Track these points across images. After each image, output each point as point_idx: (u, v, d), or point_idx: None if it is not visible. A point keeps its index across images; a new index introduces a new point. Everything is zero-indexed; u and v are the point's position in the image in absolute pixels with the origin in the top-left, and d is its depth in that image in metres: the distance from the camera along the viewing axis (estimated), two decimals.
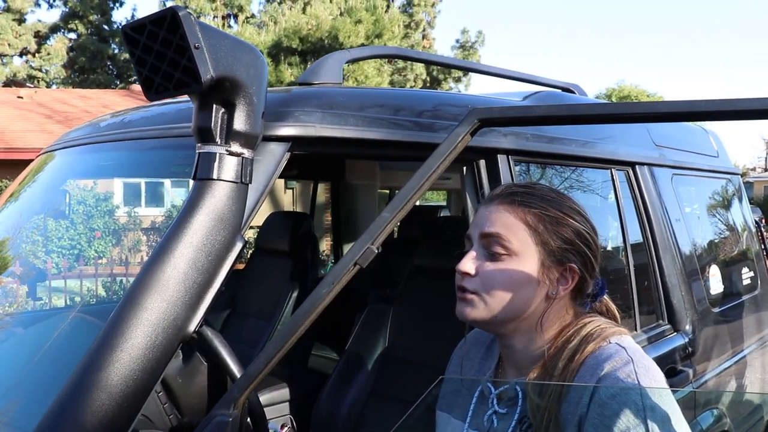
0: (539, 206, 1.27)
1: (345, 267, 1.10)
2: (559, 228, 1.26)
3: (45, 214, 2.34)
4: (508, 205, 1.27)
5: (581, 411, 1.13)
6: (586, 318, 1.29)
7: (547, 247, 1.25)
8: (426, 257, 2.70)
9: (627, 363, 1.16)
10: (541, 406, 1.18)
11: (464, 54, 30.80)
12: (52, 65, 30.53)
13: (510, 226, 1.25)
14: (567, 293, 1.29)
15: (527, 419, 1.22)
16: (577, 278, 1.28)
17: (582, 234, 1.29)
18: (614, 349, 1.20)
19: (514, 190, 1.30)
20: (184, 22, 1.18)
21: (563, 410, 1.16)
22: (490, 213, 1.28)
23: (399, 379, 2.54)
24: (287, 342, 1.11)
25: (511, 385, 1.29)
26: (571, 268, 1.27)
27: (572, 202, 1.33)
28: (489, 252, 1.26)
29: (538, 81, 2.85)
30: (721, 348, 2.89)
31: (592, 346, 1.21)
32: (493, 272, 1.24)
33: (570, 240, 1.27)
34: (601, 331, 1.24)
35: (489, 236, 1.26)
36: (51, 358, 1.72)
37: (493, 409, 1.29)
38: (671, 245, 2.69)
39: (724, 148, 3.61)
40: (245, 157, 1.35)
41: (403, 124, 1.78)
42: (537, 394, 1.19)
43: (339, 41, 16.80)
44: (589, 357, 1.20)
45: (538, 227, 1.25)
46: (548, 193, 1.31)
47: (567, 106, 1.16)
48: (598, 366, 1.17)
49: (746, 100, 0.89)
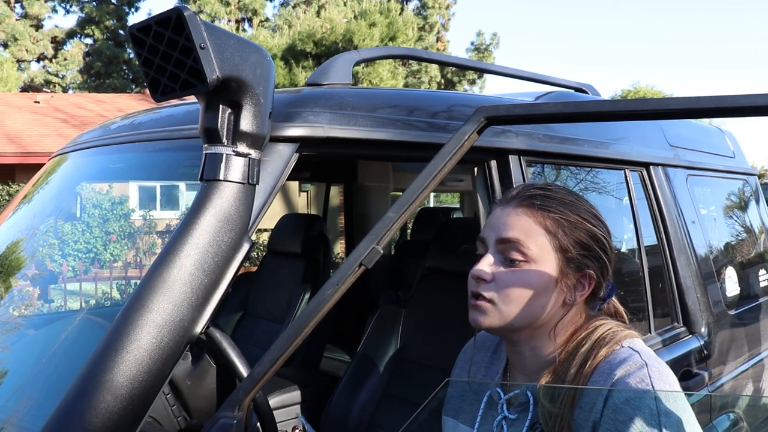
0: (559, 210, 1.24)
1: (350, 267, 1.09)
2: (578, 233, 1.24)
3: (56, 216, 2.35)
4: (527, 208, 1.24)
5: (595, 417, 1.11)
6: (596, 321, 1.26)
7: (566, 254, 1.22)
8: (438, 259, 2.69)
9: (641, 367, 1.14)
10: (553, 413, 1.15)
11: (479, 56, 30.82)
12: (68, 70, 30.84)
13: (528, 231, 1.22)
14: (583, 299, 1.26)
15: (539, 425, 1.19)
16: (594, 284, 1.26)
17: (599, 239, 1.26)
18: (627, 353, 1.18)
19: (532, 193, 1.26)
20: (190, 23, 1.17)
21: (576, 416, 1.13)
22: (507, 216, 1.24)
23: (411, 382, 2.52)
24: (292, 343, 1.10)
25: (521, 390, 1.26)
26: (589, 274, 1.25)
27: (589, 205, 1.30)
28: (506, 257, 1.22)
29: (551, 81, 2.83)
30: (738, 351, 2.85)
31: (605, 350, 1.19)
32: (511, 279, 1.21)
33: (588, 246, 1.24)
34: (613, 334, 1.22)
35: (507, 242, 1.22)
36: (59, 359, 1.72)
37: (503, 414, 1.26)
38: (686, 246, 2.66)
39: (740, 148, 3.57)
40: (252, 158, 1.34)
41: (413, 124, 1.77)
42: (549, 400, 1.16)
43: (353, 44, 16.85)
44: (602, 362, 1.18)
45: (557, 233, 1.22)
46: (566, 196, 1.28)
47: (573, 103, 1.14)
48: (612, 371, 1.15)
49: (750, 96, 0.87)
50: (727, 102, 0.89)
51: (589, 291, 1.26)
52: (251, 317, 3.62)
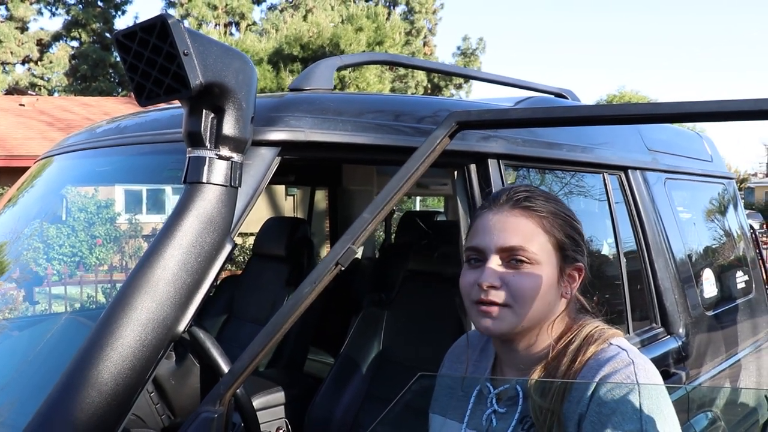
0: (549, 209, 1.28)
1: (326, 267, 1.13)
2: (567, 229, 1.30)
3: (42, 219, 2.36)
4: (522, 210, 1.27)
5: (581, 409, 1.16)
6: (583, 320, 1.31)
7: (563, 251, 1.28)
8: (420, 262, 2.72)
9: (628, 365, 1.19)
10: (544, 407, 1.19)
11: (465, 61, 30.91)
12: (54, 73, 30.63)
13: (528, 234, 1.25)
14: (575, 291, 1.32)
15: (528, 419, 1.23)
16: (583, 276, 1.32)
17: (581, 233, 1.33)
18: (615, 351, 1.23)
19: (521, 195, 1.29)
20: (174, 30, 1.21)
21: (565, 410, 1.18)
22: (504, 221, 1.27)
23: (394, 383, 2.55)
24: (271, 340, 1.13)
25: (511, 384, 1.30)
26: (579, 267, 1.31)
27: (562, 201, 1.36)
28: (510, 261, 1.25)
29: (532, 87, 2.88)
30: (715, 351, 2.90)
31: (593, 348, 1.24)
32: (520, 281, 1.23)
33: (576, 240, 1.31)
34: (601, 332, 1.27)
35: (510, 249, 1.24)
36: (44, 358, 1.74)
37: (493, 408, 1.30)
38: (664, 249, 2.70)
39: (718, 152, 3.63)
40: (234, 161, 1.38)
41: (393, 128, 1.80)
42: (540, 395, 1.20)
43: (340, 48, 16.87)
44: (590, 359, 1.23)
45: (553, 231, 1.27)
46: (547, 195, 1.33)
47: (543, 108, 1.19)
48: (600, 367, 1.20)
49: (705, 102, 0.91)
50: (686, 108, 0.93)
51: (580, 283, 1.31)
52: (236, 320, 3.63)
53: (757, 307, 3.46)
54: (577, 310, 1.36)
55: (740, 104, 0.95)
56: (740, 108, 0.94)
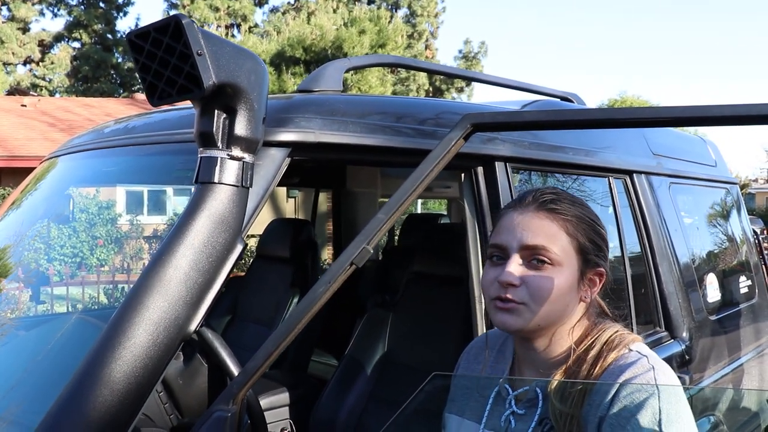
0: (574, 213, 1.29)
1: (341, 266, 1.13)
2: (593, 234, 1.30)
3: (47, 220, 2.36)
4: (547, 212, 1.28)
5: (601, 413, 1.16)
6: (603, 324, 1.32)
7: (585, 255, 1.28)
8: (424, 264, 2.73)
9: (648, 370, 1.19)
10: (564, 411, 1.20)
11: (467, 64, 30.92)
12: (55, 74, 30.63)
13: (552, 235, 1.26)
14: (595, 295, 1.32)
15: (548, 421, 1.24)
16: (604, 280, 1.32)
17: (605, 238, 1.34)
18: (636, 357, 1.23)
19: (547, 198, 1.31)
20: (188, 30, 1.22)
21: (584, 413, 1.18)
22: (528, 221, 1.28)
23: (398, 385, 2.55)
24: (285, 340, 1.13)
25: (531, 386, 1.30)
26: (600, 272, 1.31)
27: (588, 206, 1.37)
28: (531, 261, 1.26)
29: (538, 90, 2.88)
30: (719, 356, 2.90)
31: (615, 353, 1.24)
32: (540, 281, 1.24)
33: (599, 244, 1.31)
34: (621, 338, 1.28)
35: (534, 247, 1.25)
36: (54, 358, 1.75)
37: (511, 409, 1.30)
38: (668, 253, 2.71)
39: (722, 157, 3.64)
40: (246, 162, 1.38)
41: (403, 130, 1.81)
42: (560, 399, 1.21)
43: (343, 51, 16.87)
44: (611, 364, 1.23)
45: (577, 235, 1.28)
46: (573, 199, 1.34)
47: (555, 111, 1.19)
48: (621, 373, 1.20)
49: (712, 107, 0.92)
50: (708, 111, 0.94)
51: (600, 287, 1.32)
52: (240, 321, 3.63)
53: (760, 312, 3.47)
54: (597, 314, 1.36)
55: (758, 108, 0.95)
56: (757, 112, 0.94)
